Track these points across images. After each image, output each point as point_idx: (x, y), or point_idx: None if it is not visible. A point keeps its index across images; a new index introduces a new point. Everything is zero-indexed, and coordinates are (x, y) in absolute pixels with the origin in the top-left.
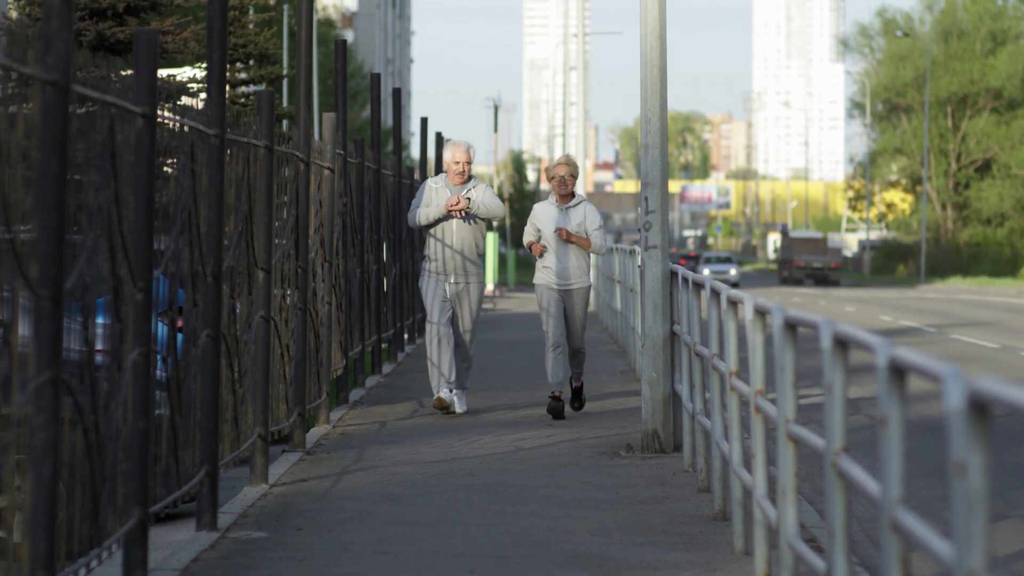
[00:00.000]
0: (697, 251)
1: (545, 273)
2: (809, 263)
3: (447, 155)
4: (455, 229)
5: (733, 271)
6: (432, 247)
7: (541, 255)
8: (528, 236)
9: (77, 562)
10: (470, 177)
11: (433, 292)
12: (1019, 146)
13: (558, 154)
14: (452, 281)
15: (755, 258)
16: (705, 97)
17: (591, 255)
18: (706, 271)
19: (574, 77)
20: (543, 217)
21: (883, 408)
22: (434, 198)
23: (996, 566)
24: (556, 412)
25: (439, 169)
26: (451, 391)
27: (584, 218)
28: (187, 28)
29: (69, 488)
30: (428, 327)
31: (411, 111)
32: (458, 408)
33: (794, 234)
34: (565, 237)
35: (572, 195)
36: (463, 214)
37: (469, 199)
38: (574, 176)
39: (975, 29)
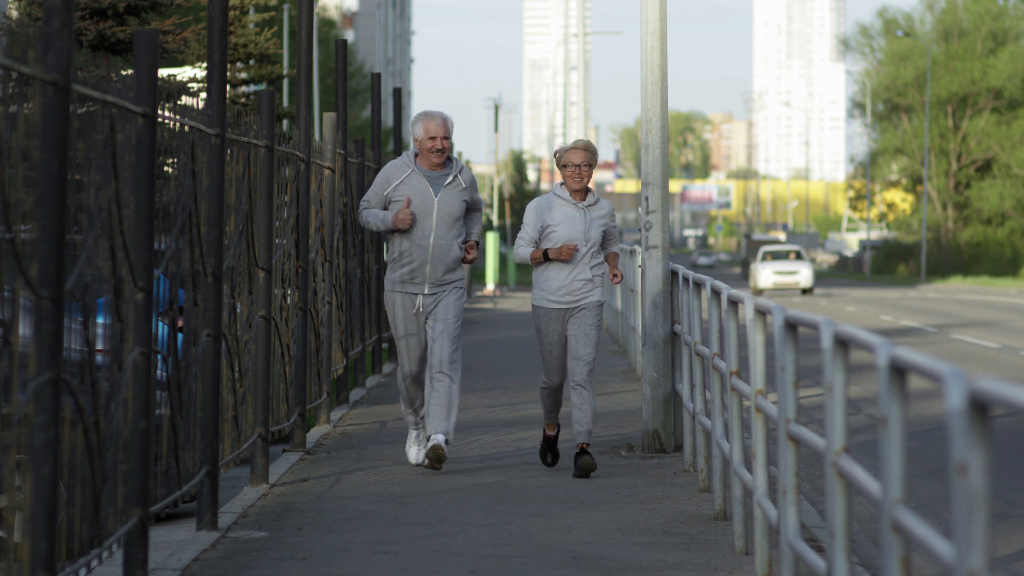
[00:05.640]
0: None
1: (547, 289)
2: None
3: (418, 130)
4: (435, 220)
5: (806, 272)
6: (400, 247)
7: (552, 261)
8: (526, 246)
9: (78, 562)
10: (450, 158)
11: (403, 317)
12: (1020, 146)
13: None
14: (426, 292)
15: None
16: (706, 97)
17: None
18: (766, 273)
19: (574, 77)
20: (558, 217)
21: (884, 408)
22: (399, 190)
23: (996, 566)
24: (546, 456)
25: None
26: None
27: (607, 223)
28: (187, 28)
29: (69, 488)
30: (399, 372)
31: (411, 111)
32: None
33: (756, 237)
34: (620, 280)
35: (587, 189)
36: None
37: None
38: (591, 165)
39: (976, 29)
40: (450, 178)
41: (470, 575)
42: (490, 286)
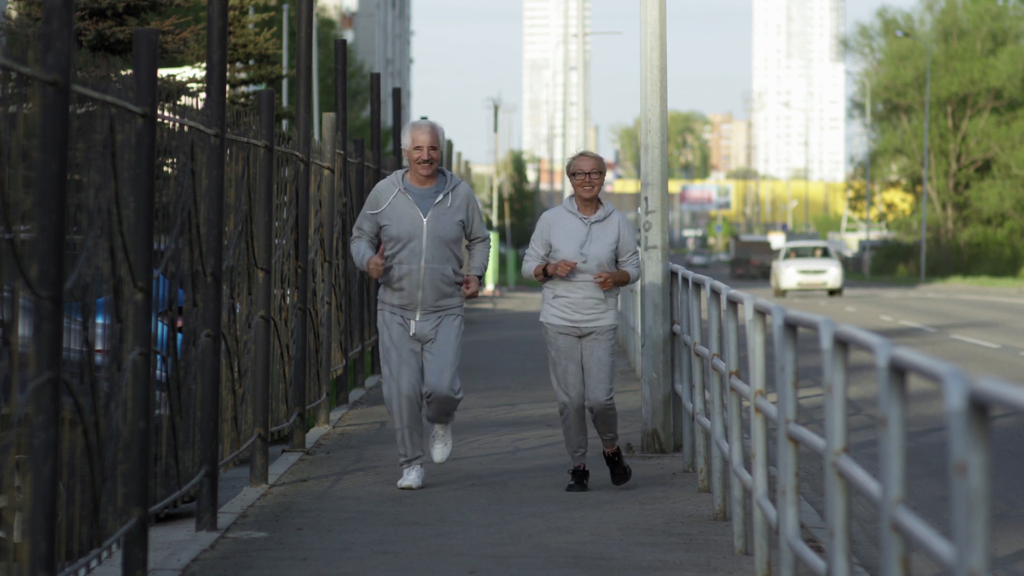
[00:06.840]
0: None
1: (557, 307)
2: (763, 262)
3: (405, 140)
4: (425, 243)
5: (834, 272)
6: (391, 271)
7: (552, 278)
8: (532, 260)
9: (77, 562)
10: (440, 171)
11: (397, 337)
12: (1019, 146)
13: (558, 154)
14: (418, 319)
15: None
16: (705, 97)
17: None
18: (789, 273)
19: (574, 77)
20: (560, 233)
21: (883, 408)
22: (386, 213)
23: (996, 566)
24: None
25: None
26: (421, 465)
27: (618, 239)
28: (187, 28)
29: (69, 488)
30: (386, 390)
31: (411, 111)
32: (436, 456)
33: (744, 238)
34: (609, 286)
35: (599, 202)
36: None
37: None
38: (602, 173)
39: (975, 29)
40: (440, 196)
41: (470, 575)
42: (490, 286)
